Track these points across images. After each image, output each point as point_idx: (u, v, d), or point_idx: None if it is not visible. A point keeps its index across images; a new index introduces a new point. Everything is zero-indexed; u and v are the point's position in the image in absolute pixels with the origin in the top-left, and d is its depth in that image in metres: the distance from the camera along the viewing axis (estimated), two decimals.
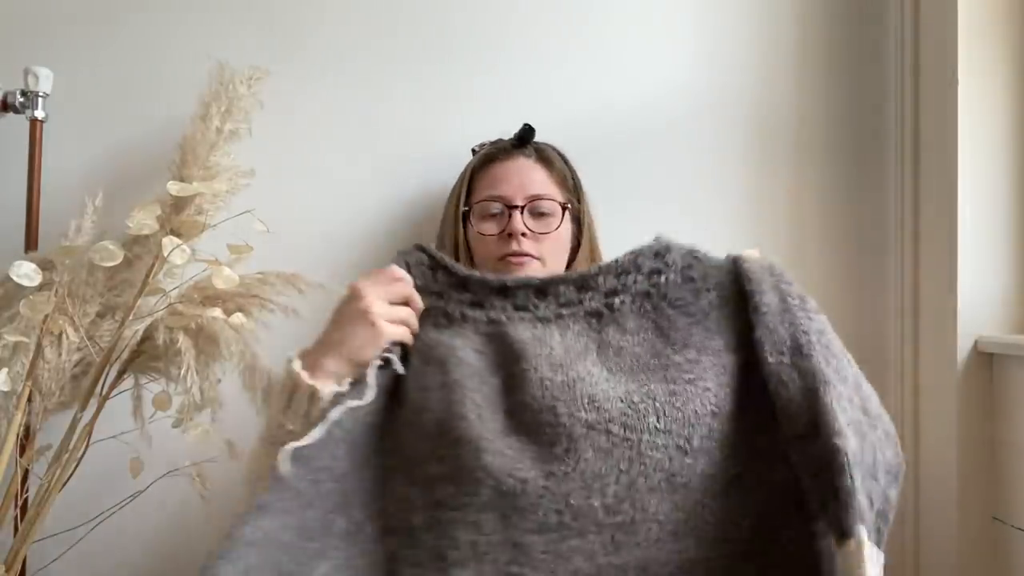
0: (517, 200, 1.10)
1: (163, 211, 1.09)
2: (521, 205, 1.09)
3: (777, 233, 1.36)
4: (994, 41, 1.21)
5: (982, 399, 1.19)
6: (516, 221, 1.08)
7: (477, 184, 1.14)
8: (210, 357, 1.10)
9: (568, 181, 1.17)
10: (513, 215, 1.08)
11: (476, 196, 1.13)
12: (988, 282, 1.20)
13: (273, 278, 1.16)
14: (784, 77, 1.37)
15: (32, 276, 1.04)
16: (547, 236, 1.09)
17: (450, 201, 1.18)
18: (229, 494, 1.22)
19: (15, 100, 1.21)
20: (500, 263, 1.08)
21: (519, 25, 1.35)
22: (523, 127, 1.16)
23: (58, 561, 1.19)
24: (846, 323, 1.36)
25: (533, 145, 1.17)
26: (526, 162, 1.14)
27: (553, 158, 1.16)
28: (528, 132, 1.16)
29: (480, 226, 1.10)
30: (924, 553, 1.27)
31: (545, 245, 1.09)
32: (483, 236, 1.10)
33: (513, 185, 1.11)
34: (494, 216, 1.10)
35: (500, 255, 1.08)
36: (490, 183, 1.12)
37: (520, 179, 1.11)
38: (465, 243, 1.12)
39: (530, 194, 1.10)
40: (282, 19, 1.32)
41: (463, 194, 1.14)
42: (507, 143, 1.17)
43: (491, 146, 1.19)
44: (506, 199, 1.10)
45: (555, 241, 1.10)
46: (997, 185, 1.21)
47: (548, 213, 1.10)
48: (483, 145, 1.22)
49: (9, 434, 1.06)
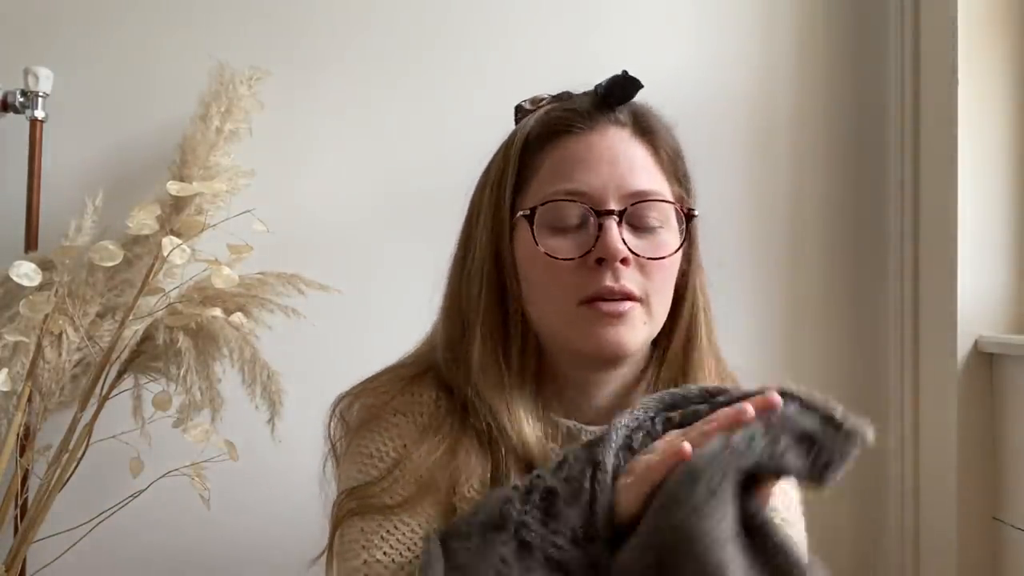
0: (611, 201, 0.69)
1: (163, 211, 1.09)
2: (619, 210, 0.69)
3: (777, 233, 1.36)
4: (994, 41, 1.21)
5: (982, 399, 1.19)
6: (613, 236, 0.68)
7: (537, 170, 0.72)
8: (210, 357, 1.10)
9: (680, 165, 0.76)
10: (607, 226, 0.68)
11: (536, 192, 0.71)
12: (988, 282, 1.20)
13: (273, 278, 1.16)
14: (784, 77, 1.37)
15: (32, 276, 1.04)
16: (658, 265, 0.70)
17: (483, 200, 0.76)
18: (229, 494, 1.23)
19: (15, 100, 1.21)
20: (582, 314, 0.69)
21: (520, 24, 1.35)
22: (617, 76, 0.73)
23: (58, 561, 1.19)
24: (846, 323, 1.36)
25: (629, 106, 0.74)
26: (620, 134, 0.72)
27: (656, 127, 0.75)
28: (625, 85, 0.72)
29: (548, 242, 0.69)
30: (924, 553, 1.27)
31: (655, 279, 0.70)
32: (554, 264, 0.69)
33: (603, 175, 0.70)
34: (570, 230, 0.70)
35: (584, 295, 0.69)
36: (563, 169, 0.71)
37: (614, 164, 0.70)
38: (513, 270, 0.72)
39: (633, 189, 0.70)
40: (282, 19, 1.32)
41: (509, 186, 0.72)
42: (587, 100, 0.74)
43: (557, 105, 0.75)
44: (594, 199, 0.69)
45: (667, 274, 0.72)
46: (997, 185, 1.21)
47: (659, 225, 0.71)
48: (538, 101, 0.77)
49: (9, 434, 1.06)
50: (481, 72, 1.34)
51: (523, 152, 0.73)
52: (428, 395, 0.76)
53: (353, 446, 0.76)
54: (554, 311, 0.71)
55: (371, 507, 0.70)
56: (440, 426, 0.73)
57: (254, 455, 1.18)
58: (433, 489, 0.70)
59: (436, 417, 0.74)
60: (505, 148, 0.75)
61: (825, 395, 0.62)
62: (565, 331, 0.71)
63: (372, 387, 0.78)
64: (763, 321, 1.34)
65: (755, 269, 1.35)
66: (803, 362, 1.35)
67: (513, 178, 0.72)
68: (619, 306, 0.68)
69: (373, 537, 0.69)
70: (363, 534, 0.70)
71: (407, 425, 0.74)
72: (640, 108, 0.75)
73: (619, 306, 0.68)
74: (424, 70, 1.33)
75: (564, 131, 0.72)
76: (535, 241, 0.69)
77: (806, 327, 1.36)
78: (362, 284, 1.26)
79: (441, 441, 0.72)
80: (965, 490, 1.18)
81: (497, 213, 0.73)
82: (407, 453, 0.72)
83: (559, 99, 0.76)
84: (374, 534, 0.69)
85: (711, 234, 1.33)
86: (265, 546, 1.27)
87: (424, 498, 0.70)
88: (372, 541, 0.69)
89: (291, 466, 1.22)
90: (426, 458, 0.71)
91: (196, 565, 1.28)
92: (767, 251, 1.36)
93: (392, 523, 0.70)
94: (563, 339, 0.72)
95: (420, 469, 0.71)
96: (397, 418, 0.75)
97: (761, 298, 1.35)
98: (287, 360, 1.13)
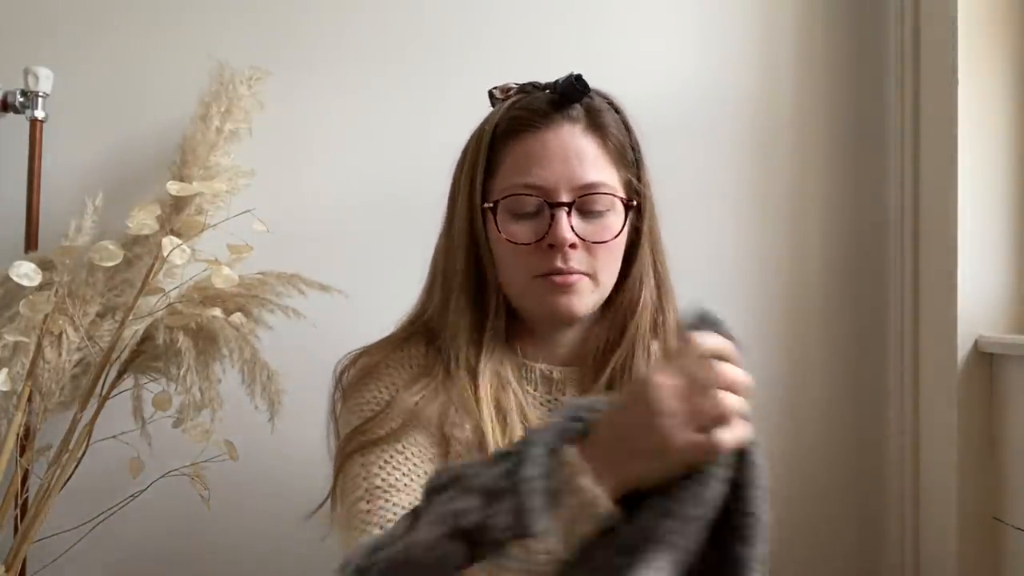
0: (562, 194, 0.80)
1: (163, 211, 1.10)
2: (568, 202, 0.80)
3: (777, 233, 1.36)
4: (994, 41, 1.21)
5: (982, 399, 1.19)
6: (562, 227, 0.79)
7: (501, 162, 0.84)
8: (210, 357, 1.11)
9: (628, 153, 0.86)
10: (557, 216, 0.80)
11: (501, 182, 0.83)
12: (988, 282, 1.20)
13: (273, 278, 1.16)
14: (784, 77, 1.37)
15: (32, 276, 1.04)
16: (604, 246, 0.82)
17: (460, 186, 0.87)
18: (229, 494, 1.23)
19: (15, 100, 1.21)
20: (538, 284, 0.82)
21: (521, 24, 1.35)
22: (569, 77, 0.83)
23: (58, 561, 1.19)
24: (846, 323, 1.36)
25: (583, 102, 0.84)
26: (572, 131, 0.82)
27: (607, 121, 0.84)
28: (576, 86, 0.82)
29: (509, 228, 0.82)
30: (924, 553, 1.27)
31: (600, 257, 0.82)
32: (514, 246, 0.82)
33: (556, 171, 0.80)
34: (528, 216, 0.82)
35: (539, 272, 0.81)
36: (522, 164, 0.82)
37: (566, 160, 0.81)
38: (488, 248, 0.84)
39: (582, 183, 0.81)
40: (282, 19, 1.32)
41: (480, 176, 0.84)
42: (544, 98, 0.84)
43: (520, 99, 0.86)
44: (547, 191, 0.81)
45: (612, 252, 0.84)
46: (997, 185, 1.21)
47: (605, 210, 0.82)
48: (507, 91, 0.89)
49: (9, 434, 1.06)
50: (481, 72, 1.34)
51: (491, 145, 0.84)
52: (418, 350, 0.87)
53: (350, 400, 0.86)
54: (516, 283, 0.84)
55: (368, 443, 0.80)
56: (429, 371, 0.84)
57: (254, 455, 1.18)
58: (424, 421, 0.81)
59: (425, 366, 0.85)
60: (477, 139, 0.87)
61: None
62: (525, 299, 0.85)
63: (366, 350, 0.89)
64: (763, 321, 1.35)
65: (755, 269, 1.35)
66: (803, 362, 1.36)
67: (483, 167, 0.84)
68: (568, 278, 0.81)
69: (371, 467, 0.79)
70: (363, 467, 0.80)
71: (399, 374, 0.85)
72: (593, 104, 0.85)
73: (568, 278, 0.81)
74: (424, 70, 1.33)
75: (524, 128, 0.83)
76: (498, 229, 0.82)
77: (806, 327, 1.36)
78: (362, 284, 1.26)
79: (430, 382, 0.83)
80: (965, 490, 1.18)
81: (471, 198, 0.85)
82: (397, 394, 0.83)
83: (524, 91, 0.87)
84: (372, 464, 0.79)
85: (711, 233, 1.35)
86: (265, 546, 1.27)
87: (415, 428, 0.81)
88: (371, 471, 0.79)
89: (291, 466, 1.22)
90: (416, 395, 0.82)
91: (196, 565, 1.28)
92: (767, 251, 1.36)
93: (388, 453, 0.80)
94: (525, 304, 0.85)
95: (409, 404, 0.81)
96: (390, 370, 0.86)
97: (761, 298, 1.35)
98: (287, 360, 1.13)
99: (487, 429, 0.81)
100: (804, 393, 1.35)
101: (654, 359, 0.86)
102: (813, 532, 1.34)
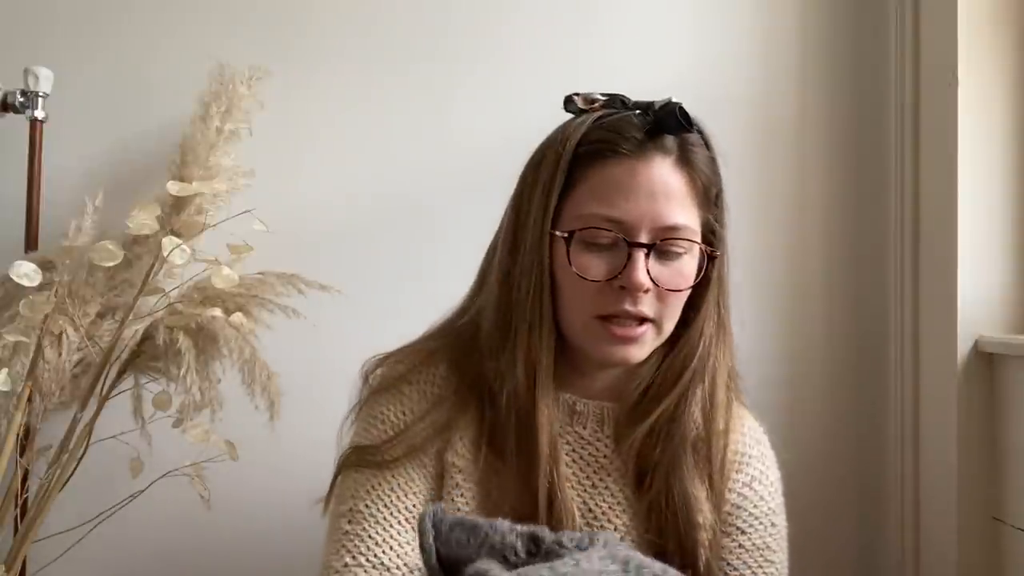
0: (643, 233, 0.74)
1: (163, 211, 1.10)
2: (648, 244, 0.74)
3: (777, 233, 1.36)
4: (994, 41, 1.21)
5: (982, 399, 1.19)
6: (639, 270, 0.73)
7: (580, 184, 0.76)
8: (210, 357, 1.11)
9: (712, 193, 0.80)
10: (635, 257, 0.74)
11: (577, 207, 0.76)
12: (988, 282, 1.20)
13: (273, 278, 1.16)
14: (784, 77, 1.37)
15: (32, 276, 1.04)
16: (675, 293, 0.76)
17: (532, 204, 0.79)
18: (229, 494, 1.23)
19: (15, 100, 1.21)
20: (598, 327, 0.76)
21: (520, 24, 1.35)
22: (669, 105, 0.76)
23: (58, 561, 1.19)
24: (846, 323, 1.36)
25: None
26: (663, 164, 0.76)
27: (698, 158, 0.79)
28: (679, 119, 0.76)
29: (580, 261, 0.75)
30: (924, 553, 1.27)
31: (669, 303, 0.77)
32: (582, 280, 0.75)
33: (641, 207, 0.74)
34: (601, 249, 0.75)
35: (603, 312, 0.75)
36: (604, 193, 0.75)
37: (652, 196, 0.74)
38: (550, 277, 0.77)
39: (665, 224, 0.75)
40: (282, 19, 1.32)
41: (555, 199, 0.77)
42: (636, 123, 0.77)
43: (608, 117, 0.78)
44: (628, 229, 0.74)
45: (681, 298, 0.78)
46: (997, 185, 1.21)
47: (683, 252, 0.77)
48: (591, 101, 0.80)
49: (9, 434, 1.06)
50: (482, 73, 1.34)
51: (571, 164, 0.77)
52: (439, 369, 0.85)
53: (367, 407, 0.87)
54: (575, 319, 0.78)
55: (366, 463, 0.82)
56: (443, 401, 0.83)
57: (254, 455, 1.18)
58: (421, 453, 0.82)
59: (444, 391, 0.84)
60: (555, 154, 0.78)
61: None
62: (581, 336, 0.79)
63: (396, 357, 0.88)
64: (763, 321, 1.35)
65: (756, 269, 1.35)
66: (803, 362, 1.36)
67: (560, 187, 0.77)
68: (632, 331, 0.76)
69: (360, 489, 0.81)
70: (355, 484, 0.82)
71: (415, 396, 0.85)
72: (688, 138, 0.78)
73: (632, 331, 0.76)
74: (424, 70, 1.33)
75: (611, 153, 0.75)
76: (569, 261, 0.75)
77: (806, 327, 1.36)
78: (362, 284, 1.26)
79: (441, 415, 0.83)
80: (965, 490, 1.18)
81: (544, 223, 0.77)
82: (409, 424, 0.83)
83: (611, 106, 0.79)
84: (361, 487, 0.81)
85: None
86: (265, 546, 1.27)
87: (411, 461, 0.82)
88: (359, 492, 0.81)
89: (291, 466, 1.22)
90: (423, 430, 0.82)
91: (196, 565, 1.28)
92: (768, 251, 1.36)
93: (378, 479, 0.81)
94: (578, 342, 0.80)
95: (415, 439, 0.82)
96: (408, 388, 0.85)
97: (762, 298, 1.35)
98: (287, 360, 1.13)
99: (542, 465, 0.78)
100: (804, 393, 1.35)
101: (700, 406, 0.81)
102: (813, 532, 1.34)
